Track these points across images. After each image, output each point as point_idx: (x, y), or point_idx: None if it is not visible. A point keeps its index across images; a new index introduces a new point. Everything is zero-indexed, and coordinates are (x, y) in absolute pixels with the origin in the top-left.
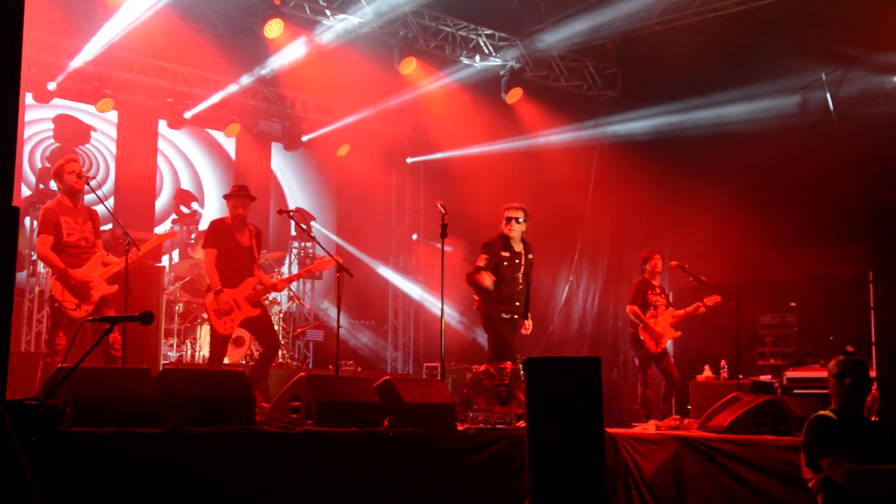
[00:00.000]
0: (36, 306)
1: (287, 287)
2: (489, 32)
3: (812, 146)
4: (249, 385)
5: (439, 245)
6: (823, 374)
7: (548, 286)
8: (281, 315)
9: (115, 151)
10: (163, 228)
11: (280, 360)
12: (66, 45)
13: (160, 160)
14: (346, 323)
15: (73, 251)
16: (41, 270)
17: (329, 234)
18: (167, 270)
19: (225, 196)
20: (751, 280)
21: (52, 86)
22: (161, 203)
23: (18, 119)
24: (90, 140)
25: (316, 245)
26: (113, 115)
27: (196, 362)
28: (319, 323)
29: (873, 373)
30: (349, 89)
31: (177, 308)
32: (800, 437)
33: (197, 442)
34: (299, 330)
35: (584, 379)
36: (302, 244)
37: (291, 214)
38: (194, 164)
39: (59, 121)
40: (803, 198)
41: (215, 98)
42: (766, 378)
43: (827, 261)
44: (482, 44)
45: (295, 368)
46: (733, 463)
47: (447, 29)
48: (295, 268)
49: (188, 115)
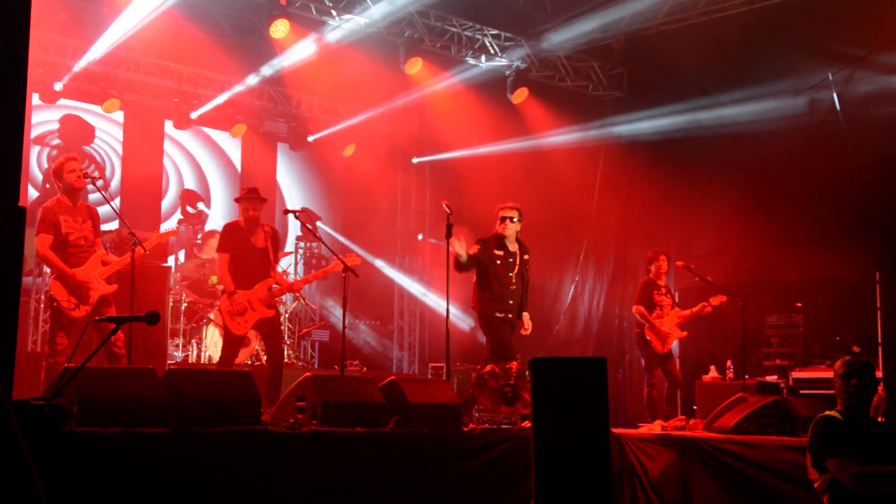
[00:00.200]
0: (42, 306)
1: (302, 288)
2: (495, 33)
3: (818, 146)
4: (255, 385)
5: (445, 245)
6: (830, 375)
7: (553, 286)
8: (287, 315)
9: (121, 152)
10: (168, 229)
11: (286, 361)
12: (73, 46)
13: (166, 160)
14: (352, 323)
15: (73, 250)
16: (46, 270)
17: (334, 234)
18: (173, 270)
19: (236, 199)
20: (757, 280)
21: (59, 86)
22: (167, 203)
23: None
24: (94, 140)
25: (322, 245)
26: (119, 116)
27: (202, 362)
28: (325, 323)
29: (880, 373)
30: (355, 89)
31: (182, 308)
32: (806, 438)
33: (202, 442)
34: (305, 330)
35: (590, 379)
36: (308, 244)
37: (297, 214)
38: (200, 165)
39: (65, 121)
40: (809, 198)
41: (221, 98)
42: (772, 378)
43: (833, 261)
44: (488, 44)
45: (300, 368)
46: (739, 463)
47: (453, 29)
48: (301, 268)
49: (194, 116)
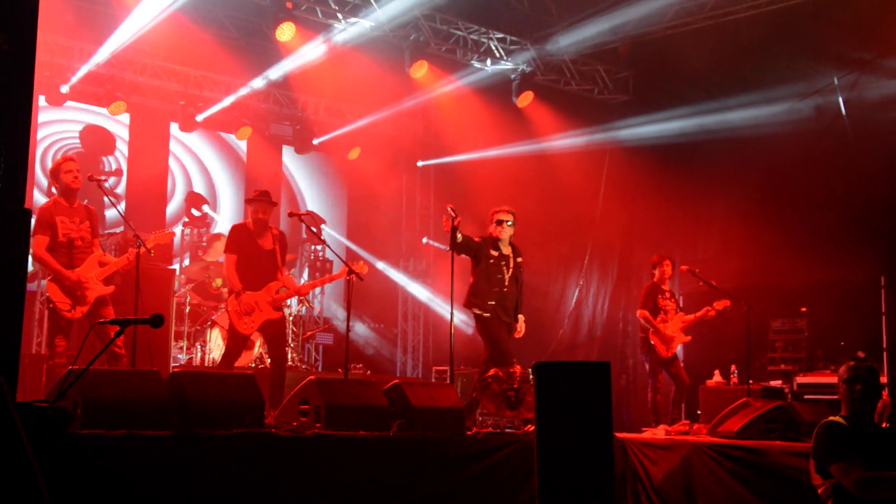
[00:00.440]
0: (47, 308)
1: (310, 292)
2: (500, 36)
3: (824, 151)
4: (259, 388)
5: (448, 249)
6: (834, 380)
7: (558, 290)
8: (291, 318)
9: (127, 154)
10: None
11: (289, 363)
12: (79, 49)
13: (172, 163)
14: (355, 326)
15: (70, 251)
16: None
17: (339, 237)
18: (178, 273)
19: (246, 200)
20: (761, 285)
21: (65, 88)
22: (172, 206)
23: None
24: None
25: (326, 248)
26: (125, 118)
27: (206, 365)
28: (329, 326)
29: (884, 379)
30: (360, 92)
31: (186, 311)
32: (810, 443)
33: (206, 444)
34: (309, 333)
35: (594, 383)
36: (312, 247)
37: (303, 218)
38: (206, 167)
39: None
40: (815, 202)
41: (227, 101)
42: (777, 383)
43: (838, 266)
44: (493, 47)
45: (304, 371)
46: (743, 468)
47: (458, 32)
48: (306, 271)
49: (200, 118)
